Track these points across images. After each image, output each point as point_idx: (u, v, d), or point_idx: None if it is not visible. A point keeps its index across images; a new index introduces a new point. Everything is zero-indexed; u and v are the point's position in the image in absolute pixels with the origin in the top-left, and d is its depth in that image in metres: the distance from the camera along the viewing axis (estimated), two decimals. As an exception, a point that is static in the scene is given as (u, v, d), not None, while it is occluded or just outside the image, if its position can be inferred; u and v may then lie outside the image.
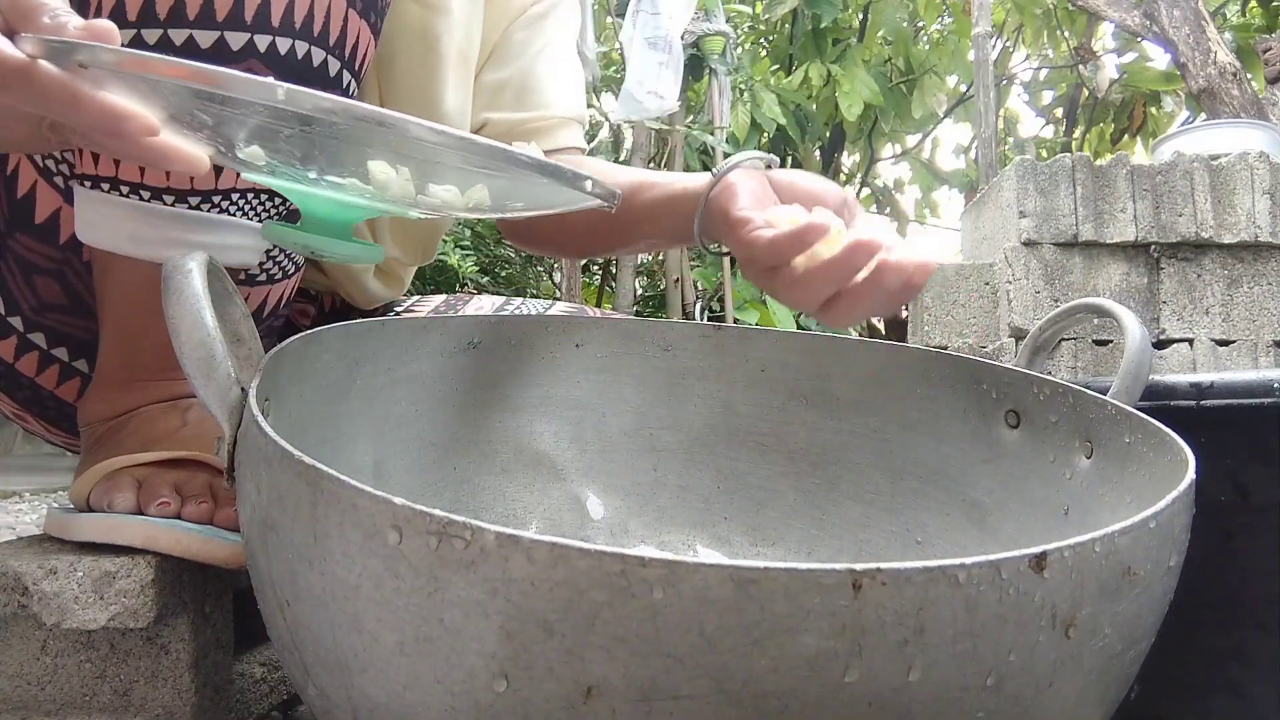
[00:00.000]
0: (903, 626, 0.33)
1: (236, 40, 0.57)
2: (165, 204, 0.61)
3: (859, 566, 0.32)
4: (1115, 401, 0.59)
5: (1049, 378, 0.64)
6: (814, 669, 0.32)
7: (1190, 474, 0.45)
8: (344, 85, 0.63)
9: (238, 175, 0.62)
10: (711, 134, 3.63)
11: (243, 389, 0.46)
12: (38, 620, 0.57)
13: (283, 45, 0.58)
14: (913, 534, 0.72)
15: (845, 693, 0.33)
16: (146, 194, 0.61)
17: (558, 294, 3.94)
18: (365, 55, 0.64)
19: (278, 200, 0.66)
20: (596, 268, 4.18)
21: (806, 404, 0.75)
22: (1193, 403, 0.64)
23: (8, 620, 0.59)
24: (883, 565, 0.32)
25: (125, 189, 0.61)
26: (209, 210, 0.62)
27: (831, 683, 0.33)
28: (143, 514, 0.61)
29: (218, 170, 0.61)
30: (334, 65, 0.61)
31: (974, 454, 0.69)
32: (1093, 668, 0.38)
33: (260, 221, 0.65)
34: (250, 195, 0.64)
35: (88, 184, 0.61)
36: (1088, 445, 0.60)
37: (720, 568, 0.32)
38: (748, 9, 4.75)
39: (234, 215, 0.63)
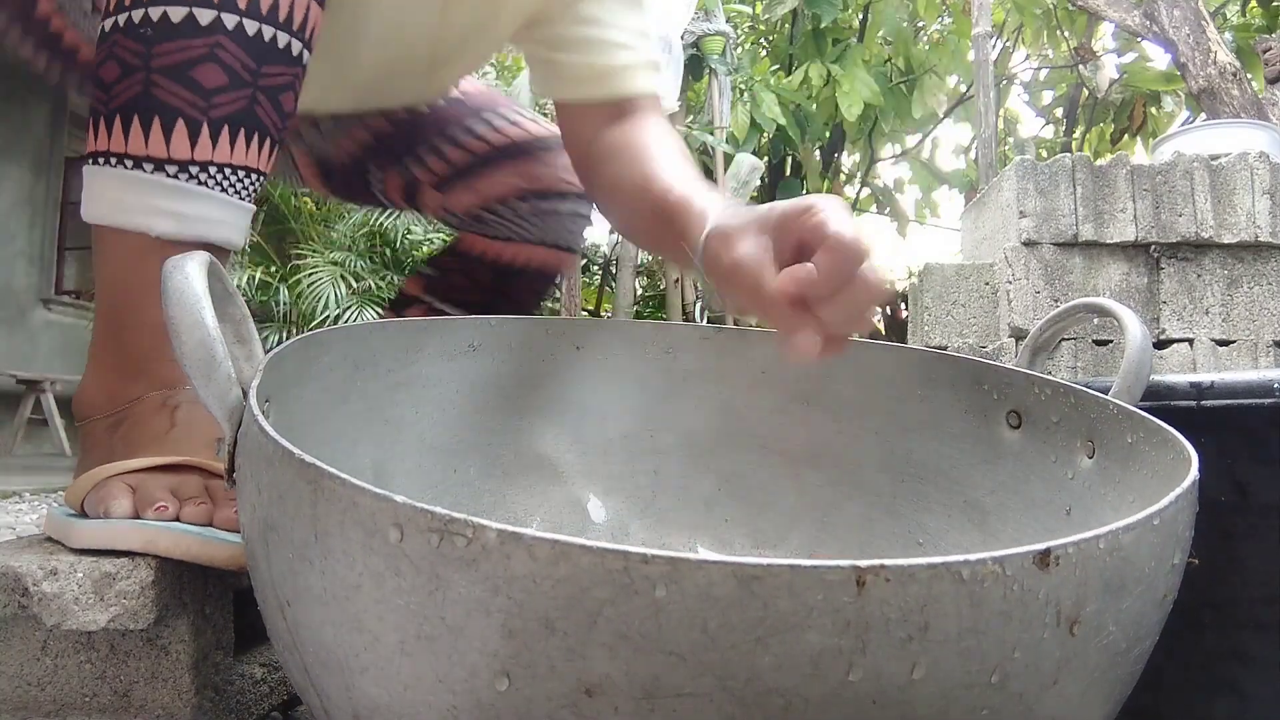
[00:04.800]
0: (907, 624, 0.32)
1: (205, 16, 0.62)
2: (145, 172, 0.63)
3: (863, 563, 0.32)
4: (1117, 401, 0.59)
5: (1050, 378, 0.64)
6: (818, 666, 0.32)
7: (1193, 471, 0.44)
8: (295, 54, 0.67)
9: (213, 147, 0.65)
10: (711, 134, 3.63)
11: (243, 390, 0.46)
12: (38, 621, 0.57)
13: (250, 27, 0.63)
14: (914, 535, 0.72)
15: (849, 690, 0.33)
16: (130, 162, 0.63)
17: (557, 294, 3.94)
18: (313, 26, 0.68)
19: (255, 178, 0.67)
20: (596, 268, 4.17)
21: (807, 405, 0.75)
22: (1193, 403, 0.64)
23: (8, 621, 0.59)
24: (887, 562, 0.32)
25: (113, 159, 0.63)
26: (186, 180, 0.64)
27: (835, 680, 0.33)
28: (140, 518, 0.61)
29: (193, 141, 0.64)
30: (282, 39, 0.65)
31: (975, 455, 0.69)
32: (1097, 665, 0.38)
33: (240, 199, 0.67)
34: (228, 170, 0.65)
35: (89, 160, 0.64)
36: (1089, 445, 0.60)
37: (723, 564, 0.32)
38: (748, 9, 4.75)
39: (212, 189, 0.65)
